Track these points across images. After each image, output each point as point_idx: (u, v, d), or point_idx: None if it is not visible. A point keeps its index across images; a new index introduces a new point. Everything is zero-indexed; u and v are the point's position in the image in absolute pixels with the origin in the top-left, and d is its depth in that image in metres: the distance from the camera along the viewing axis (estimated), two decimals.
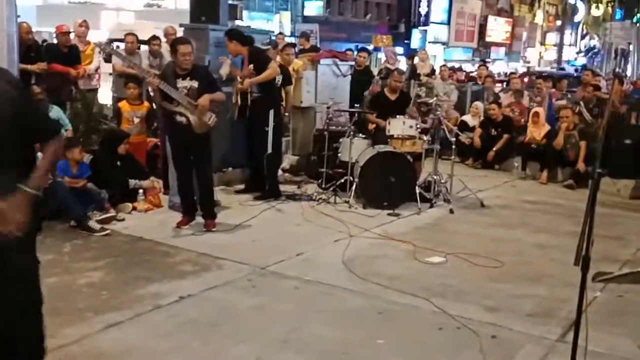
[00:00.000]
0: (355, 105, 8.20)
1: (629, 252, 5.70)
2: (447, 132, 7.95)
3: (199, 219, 5.97)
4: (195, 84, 5.67)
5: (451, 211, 6.90)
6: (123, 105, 7.36)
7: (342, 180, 7.26)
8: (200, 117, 5.65)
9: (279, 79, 7.48)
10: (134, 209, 6.31)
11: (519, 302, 4.44)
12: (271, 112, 7.00)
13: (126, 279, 4.60)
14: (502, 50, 37.02)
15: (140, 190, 6.40)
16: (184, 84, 5.66)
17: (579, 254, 2.57)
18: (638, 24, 28.50)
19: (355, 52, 11.84)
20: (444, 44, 33.99)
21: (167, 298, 4.26)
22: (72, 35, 8.52)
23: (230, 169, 7.76)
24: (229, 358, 3.51)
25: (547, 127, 9.58)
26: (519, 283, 4.83)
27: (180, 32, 7.82)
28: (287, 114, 8.17)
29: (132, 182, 6.44)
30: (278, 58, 8.93)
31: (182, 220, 5.93)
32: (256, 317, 4.07)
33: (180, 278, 4.66)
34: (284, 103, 7.63)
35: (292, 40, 18.87)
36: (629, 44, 28.48)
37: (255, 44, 7.21)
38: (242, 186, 7.54)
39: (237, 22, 9.88)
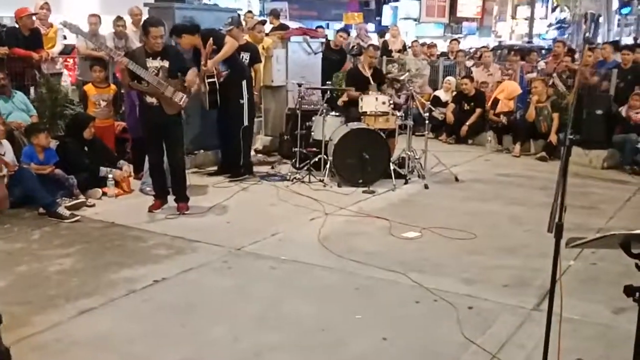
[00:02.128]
0: (327, 83, 8.12)
1: (602, 221, 5.77)
2: (420, 107, 7.94)
3: (172, 203, 5.88)
4: (165, 63, 5.55)
5: (426, 186, 6.90)
6: (89, 88, 7.18)
7: (316, 159, 7.21)
8: (172, 97, 5.55)
9: (246, 56, 7.38)
10: (104, 194, 6.20)
11: (494, 274, 4.46)
12: (244, 84, 6.95)
13: (98, 265, 4.51)
14: (474, 25, 37.06)
15: (110, 176, 6.27)
16: (154, 63, 5.53)
17: (552, 222, 2.55)
18: None
19: (333, 31, 11.66)
20: (415, 20, 33.89)
21: (141, 282, 4.19)
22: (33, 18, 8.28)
23: (202, 151, 7.67)
24: (207, 339, 3.46)
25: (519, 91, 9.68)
26: (494, 255, 4.86)
27: (145, 13, 7.65)
28: (256, 93, 8.07)
29: (103, 170, 6.32)
30: (247, 36, 8.79)
31: (154, 204, 5.84)
32: (233, 297, 4.03)
33: (154, 262, 4.58)
34: (254, 82, 7.52)
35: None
36: (599, 15, 28.70)
37: (212, 27, 7.09)
38: (214, 168, 7.46)
39: (204, 0, 9.63)
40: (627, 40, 23.90)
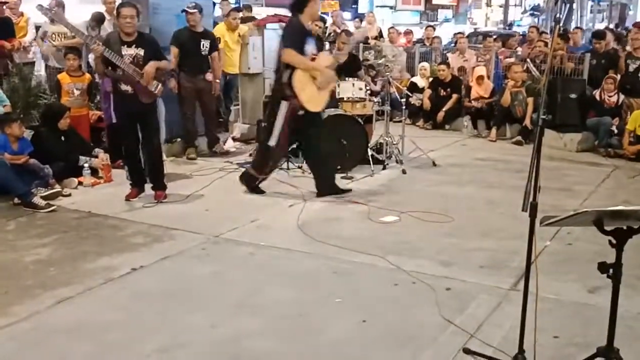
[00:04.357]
0: None
1: (577, 202, 5.84)
2: (396, 93, 7.97)
3: (149, 191, 5.84)
4: (141, 51, 5.50)
5: (403, 171, 6.94)
6: (63, 77, 7.08)
7: (294, 146, 7.19)
8: (146, 85, 5.49)
9: (205, 44, 7.36)
10: (80, 183, 6.14)
11: (471, 256, 4.51)
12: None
13: (75, 254, 4.47)
14: (450, 12, 37.17)
15: (86, 165, 6.21)
16: (129, 51, 5.48)
17: (526, 201, 2.59)
18: None
19: None
20: (391, 7, 33.88)
21: (118, 271, 4.17)
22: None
23: (179, 139, 7.61)
24: (185, 326, 3.45)
25: (492, 85, 9.75)
26: (471, 237, 4.90)
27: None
28: (217, 81, 8.13)
29: (83, 159, 6.25)
30: (223, 24, 8.75)
31: (130, 192, 5.80)
32: (211, 284, 4.03)
33: (131, 250, 4.56)
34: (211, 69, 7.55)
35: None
36: (572, 1, 28.98)
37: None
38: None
39: None
40: (601, 25, 24.16)
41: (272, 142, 5.76)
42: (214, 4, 9.99)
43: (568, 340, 3.30)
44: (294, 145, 7.12)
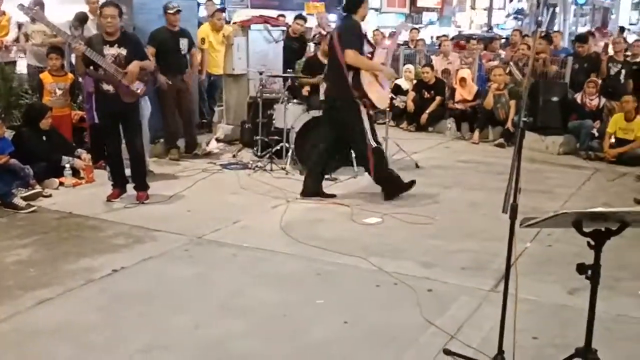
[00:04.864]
0: (288, 70, 8.09)
1: (557, 204, 5.89)
2: None
3: (131, 191, 5.80)
4: (123, 51, 5.47)
5: None
6: (45, 76, 7.01)
7: (278, 147, 7.20)
8: (128, 85, 5.46)
9: (183, 42, 7.34)
10: (61, 184, 6.09)
11: (453, 257, 4.54)
12: None
13: (56, 255, 4.44)
14: (434, 15, 37.36)
15: (67, 165, 6.16)
16: (111, 51, 5.45)
17: (506, 203, 2.61)
18: None
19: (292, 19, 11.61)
20: (376, 10, 33.99)
21: (99, 272, 4.14)
22: None
23: (162, 140, 7.57)
24: (167, 328, 3.44)
25: (475, 88, 9.82)
26: (453, 239, 4.93)
27: None
28: (202, 77, 8.10)
29: (65, 160, 6.21)
30: (207, 24, 8.73)
31: (112, 193, 5.75)
32: (194, 286, 4.01)
33: (112, 252, 4.53)
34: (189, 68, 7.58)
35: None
36: (555, 5, 29.22)
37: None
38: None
39: None
40: (583, 29, 24.41)
41: (373, 143, 5.82)
42: (199, 4, 9.96)
43: (547, 341, 3.34)
44: (277, 147, 7.16)
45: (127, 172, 5.85)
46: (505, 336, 2.87)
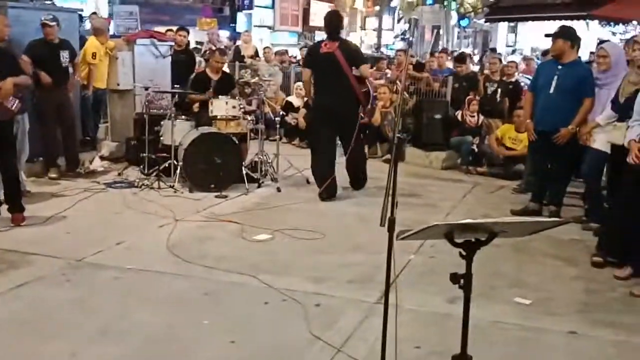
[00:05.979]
0: (176, 86, 7.94)
1: (440, 217, 6.14)
2: (271, 112, 8.02)
3: (5, 214, 5.44)
4: None
5: (278, 189, 6.97)
6: None
7: (166, 165, 7.03)
8: (2, 102, 5.15)
9: (65, 54, 7.08)
10: None
11: (340, 271, 4.60)
12: None
13: None
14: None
15: None
16: None
17: (384, 216, 2.68)
18: (446, 9, 30.89)
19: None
20: (269, 27, 34.24)
21: None
22: None
23: (41, 158, 7.17)
24: (41, 356, 3.24)
25: None
26: (340, 253, 5.01)
27: None
28: (90, 92, 7.83)
29: None
30: (93, 37, 8.43)
31: None
32: (72, 311, 3.81)
33: None
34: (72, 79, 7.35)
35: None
36: (439, 27, 30.77)
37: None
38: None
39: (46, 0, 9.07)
40: (467, 50, 25.84)
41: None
42: (81, 17, 9.60)
43: (429, 349, 3.45)
44: (165, 165, 6.98)
45: (0, 193, 5.50)
46: (389, 346, 2.93)
